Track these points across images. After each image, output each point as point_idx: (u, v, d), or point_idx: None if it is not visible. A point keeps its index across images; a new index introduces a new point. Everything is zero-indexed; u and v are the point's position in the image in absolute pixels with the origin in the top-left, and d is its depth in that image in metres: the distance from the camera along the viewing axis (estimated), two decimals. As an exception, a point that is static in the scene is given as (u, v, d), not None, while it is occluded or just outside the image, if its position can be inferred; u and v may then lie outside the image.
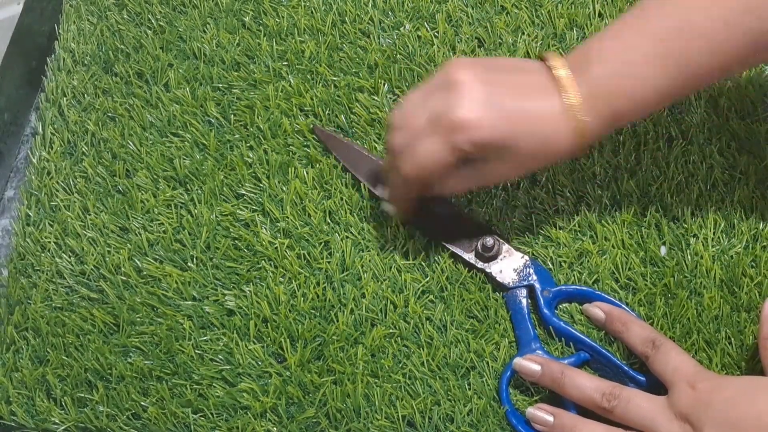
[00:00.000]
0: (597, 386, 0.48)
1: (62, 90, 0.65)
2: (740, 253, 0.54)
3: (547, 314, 0.52)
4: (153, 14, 0.68)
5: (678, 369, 0.47)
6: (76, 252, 0.59)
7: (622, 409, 0.47)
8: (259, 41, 0.65)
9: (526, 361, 0.51)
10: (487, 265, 0.55)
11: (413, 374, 0.53)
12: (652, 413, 0.46)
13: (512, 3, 0.64)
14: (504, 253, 0.55)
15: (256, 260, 0.57)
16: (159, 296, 0.56)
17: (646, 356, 0.49)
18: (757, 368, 0.50)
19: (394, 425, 0.51)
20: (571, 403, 0.49)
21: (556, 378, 0.49)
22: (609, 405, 0.47)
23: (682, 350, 0.48)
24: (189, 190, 0.60)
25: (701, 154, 0.57)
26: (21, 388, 0.55)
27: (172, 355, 0.55)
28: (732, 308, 0.52)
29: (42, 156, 0.63)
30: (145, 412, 0.53)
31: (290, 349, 0.54)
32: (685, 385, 0.46)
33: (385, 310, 0.55)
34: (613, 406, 0.47)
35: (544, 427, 0.49)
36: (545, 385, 0.50)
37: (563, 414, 0.49)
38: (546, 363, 0.50)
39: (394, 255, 0.56)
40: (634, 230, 0.55)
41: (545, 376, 0.50)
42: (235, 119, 0.62)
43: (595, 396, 0.48)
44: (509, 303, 0.54)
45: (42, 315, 0.57)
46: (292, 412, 0.53)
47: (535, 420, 0.49)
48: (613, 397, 0.47)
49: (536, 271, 0.54)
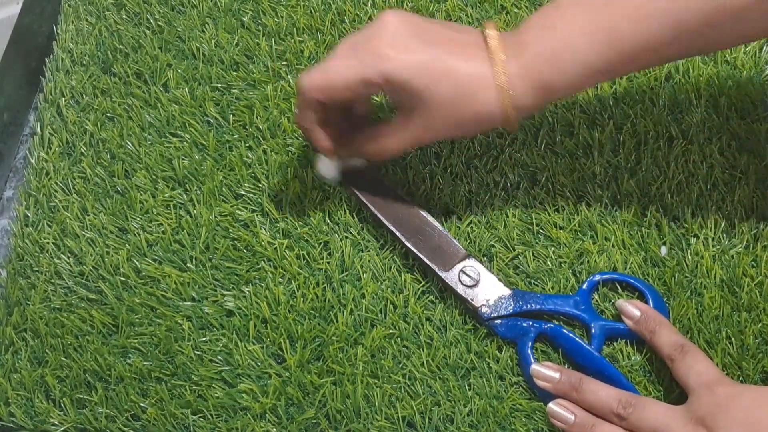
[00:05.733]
0: (614, 394, 0.48)
1: (61, 90, 0.65)
2: (741, 252, 0.54)
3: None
4: (152, 14, 0.68)
5: (700, 375, 0.47)
6: (74, 253, 0.58)
7: (637, 417, 0.46)
8: (258, 41, 0.65)
9: (544, 368, 0.50)
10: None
11: (413, 375, 0.53)
12: (667, 419, 0.46)
13: (512, 2, 0.64)
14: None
15: (256, 261, 0.57)
16: (158, 297, 0.56)
17: (671, 360, 0.49)
18: (758, 368, 0.50)
19: (394, 426, 0.51)
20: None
21: (574, 384, 0.49)
22: (625, 412, 0.47)
23: (707, 358, 0.48)
24: (188, 191, 0.60)
25: (701, 154, 0.57)
26: (20, 389, 0.55)
27: (172, 356, 0.54)
28: (732, 308, 0.52)
29: (40, 156, 0.63)
30: (145, 413, 0.53)
31: (290, 349, 0.54)
32: (704, 389, 0.46)
33: (385, 310, 0.55)
34: (629, 413, 0.47)
35: (564, 424, 0.49)
36: (562, 391, 0.49)
37: (583, 412, 0.49)
38: (564, 370, 0.50)
39: (394, 255, 0.56)
40: (634, 230, 0.55)
41: (563, 383, 0.49)
42: (234, 119, 0.62)
43: (612, 403, 0.47)
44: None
45: (41, 316, 0.56)
46: (292, 412, 0.52)
47: (555, 416, 0.49)
48: (629, 404, 0.47)
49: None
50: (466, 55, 0.47)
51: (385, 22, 0.48)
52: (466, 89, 0.47)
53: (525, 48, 0.47)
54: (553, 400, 0.49)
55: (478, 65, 0.47)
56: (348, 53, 0.48)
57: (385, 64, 0.46)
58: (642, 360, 0.52)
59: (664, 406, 0.47)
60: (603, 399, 0.48)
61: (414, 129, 0.50)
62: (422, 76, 0.46)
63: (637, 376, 0.51)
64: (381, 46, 0.47)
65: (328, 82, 0.48)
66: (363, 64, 0.47)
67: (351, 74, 0.47)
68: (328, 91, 0.49)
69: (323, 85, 0.48)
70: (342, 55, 0.48)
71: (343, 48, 0.48)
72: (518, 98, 0.47)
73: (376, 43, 0.47)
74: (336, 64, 0.48)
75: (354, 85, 0.48)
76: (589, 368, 0.50)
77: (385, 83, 0.47)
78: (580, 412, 0.49)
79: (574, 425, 0.48)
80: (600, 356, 0.51)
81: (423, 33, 0.47)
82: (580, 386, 0.49)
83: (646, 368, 0.51)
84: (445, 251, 0.54)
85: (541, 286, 0.54)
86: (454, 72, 0.47)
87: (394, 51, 0.47)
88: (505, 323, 0.52)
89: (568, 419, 0.48)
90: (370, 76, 0.47)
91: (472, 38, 0.48)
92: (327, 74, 0.48)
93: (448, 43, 0.47)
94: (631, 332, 0.51)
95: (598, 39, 0.45)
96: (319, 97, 0.49)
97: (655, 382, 0.51)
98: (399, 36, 0.47)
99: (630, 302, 0.52)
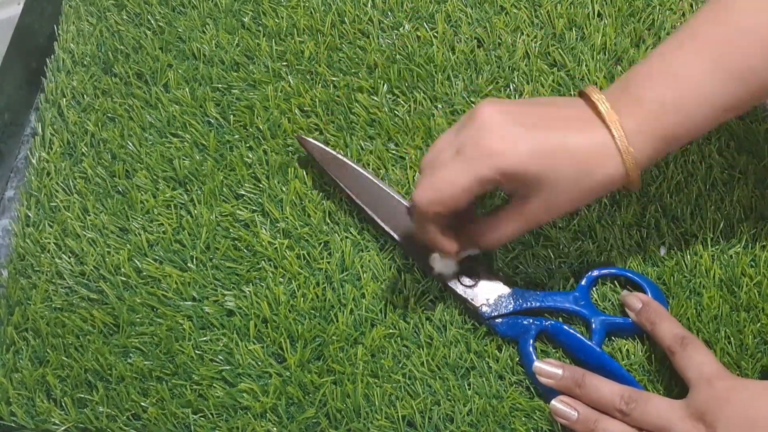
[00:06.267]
0: (617, 390, 0.48)
1: (62, 90, 0.65)
2: (739, 252, 0.54)
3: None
4: (152, 15, 0.68)
5: (701, 367, 0.47)
6: (75, 253, 0.59)
7: (639, 412, 0.47)
8: (259, 42, 0.65)
9: (547, 364, 0.50)
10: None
11: (413, 374, 0.53)
12: (667, 413, 0.46)
13: (511, 3, 0.64)
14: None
15: (256, 260, 0.57)
16: (159, 297, 0.56)
17: (672, 352, 0.49)
18: (757, 367, 0.50)
19: (394, 425, 0.51)
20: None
21: (577, 380, 0.49)
22: (627, 408, 0.47)
23: (708, 351, 0.48)
24: (189, 191, 0.60)
25: (700, 154, 0.57)
26: (21, 389, 0.55)
27: (172, 356, 0.55)
28: (731, 308, 0.52)
29: (41, 157, 0.63)
30: (145, 412, 0.53)
31: (290, 349, 0.54)
32: (704, 383, 0.46)
33: (385, 310, 0.55)
34: (632, 408, 0.47)
35: (567, 421, 0.49)
36: (565, 388, 0.50)
37: (586, 408, 0.49)
38: (567, 366, 0.50)
39: (394, 255, 0.56)
40: (633, 230, 0.56)
41: (566, 379, 0.49)
42: (235, 120, 0.62)
43: (614, 399, 0.48)
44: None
45: (42, 316, 0.57)
46: (292, 412, 0.53)
47: (558, 413, 0.49)
48: (632, 400, 0.47)
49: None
50: (576, 127, 0.45)
51: (483, 116, 0.45)
52: (586, 163, 0.45)
53: (641, 102, 0.45)
54: (555, 397, 0.50)
55: (593, 134, 0.45)
56: (455, 157, 0.45)
57: (499, 159, 0.44)
58: (641, 358, 0.52)
59: (666, 400, 0.47)
60: (606, 395, 0.48)
61: (534, 212, 0.47)
62: (539, 161, 0.44)
63: (637, 375, 0.51)
64: (488, 143, 0.44)
65: (445, 193, 0.45)
66: (474, 165, 0.44)
67: (465, 180, 0.45)
68: (446, 202, 0.46)
69: (441, 199, 0.46)
70: (450, 162, 0.45)
71: (448, 153, 0.46)
72: (640, 156, 0.45)
73: (481, 141, 0.44)
74: (447, 173, 0.45)
75: (470, 188, 0.45)
76: (591, 364, 0.51)
77: (503, 177, 0.44)
78: (583, 408, 0.49)
79: (577, 422, 0.48)
80: (601, 351, 0.51)
81: (525, 118, 0.45)
82: (582, 382, 0.49)
83: (646, 367, 0.52)
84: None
85: (540, 286, 0.55)
86: (571, 148, 0.44)
87: (503, 144, 0.44)
88: (506, 322, 0.52)
89: (571, 416, 0.49)
90: (485, 174, 0.44)
91: (575, 108, 0.46)
92: (442, 187, 0.45)
93: (554, 120, 0.45)
94: (632, 326, 0.51)
95: (727, 80, 0.44)
96: (438, 211, 0.46)
97: (654, 381, 0.51)
98: (503, 127, 0.44)
99: (632, 294, 0.52)
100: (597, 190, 0.46)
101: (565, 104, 0.47)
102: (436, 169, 0.46)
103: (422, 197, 0.46)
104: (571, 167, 0.45)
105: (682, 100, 0.44)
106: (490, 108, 0.45)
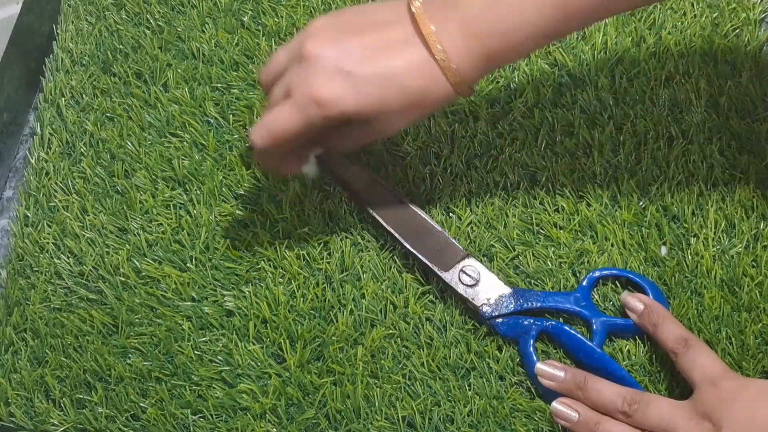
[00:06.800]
0: (619, 392, 0.48)
1: (61, 90, 0.65)
2: (741, 252, 0.54)
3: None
4: (151, 14, 0.68)
5: (704, 368, 0.47)
6: (74, 253, 0.58)
7: (642, 413, 0.46)
8: (258, 41, 0.65)
9: (549, 366, 0.50)
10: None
11: (413, 375, 0.53)
12: (672, 414, 0.46)
13: None
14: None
15: (256, 261, 0.57)
16: (158, 297, 0.56)
17: (675, 353, 0.49)
18: (758, 368, 0.50)
19: (394, 426, 0.51)
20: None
21: (579, 383, 0.49)
22: (630, 409, 0.47)
23: (712, 351, 0.48)
24: (188, 191, 0.60)
25: (701, 154, 0.57)
26: (20, 390, 0.55)
27: (171, 356, 0.54)
28: (732, 308, 0.52)
29: (40, 156, 0.63)
30: (144, 413, 0.53)
31: (290, 349, 0.54)
32: (708, 384, 0.46)
33: (385, 310, 0.54)
34: (634, 410, 0.47)
35: (568, 422, 0.49)
36: (566, 390, 0.49)
37: (587, 410, 0.49)
38: (569, 369, 0.50)
39: (394, 255, 0.56)
40: (634, 230, 0.55)
41: (568, 382, 0.49)
42: (234, 119, 0.62)
43: (617, 401, 0.47)
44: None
45: (41, 316, 0.56)
46: (292, 413, 0.52)
47: (559, 415, 0.49)
48: (634, 401, 0.47)
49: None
50: (403, 51, 0.46)
51: (311, 53, 0.46)
52: (416, 86, 0.46)
53: (464, 20, 0.45)
54: (556, 399, 0.49)
55: (417, 56, 0.45)
56: (286, 99, 0.47)
57: (326, 108, 0.45)
58: (642, 359, 0.52)
59: (669, 401, 0.47)
60: (607, 397, 0.48)
61: (371, 132, 0.50)
62: (367, 105, 0.46)
63: (638, 376, 0.51)
64: (316, 91, 0.45)
65: (278, 134, 0.47)
66: (304, 112, 0.46)
67: (296, 126, 0.47)
68: (279, 143, 0.48)
69: (274, 139, 0.48)
70: (281, 103, 0.47)
71: (280, 90, 0.48)
72: (463, 74, 0.46)
73: (310, 87, 0.45)
74: (279, 116, 0.47)
75: (300, 132, 0.47)
76: (592, 365, 0.50)
77: (333, 121, 0.46)
78: (584, 409, 0.49)
79: (578, 423, 0.48)
80: (602, 352, 0.51)
81: (352, 54, 0.46)
82: (584, 384, 0.49)
83: (647, 368, 0.51)
84: (444, 251, 0.54)
85: (541, 286, 0.54)
86: (401, 76, 0.45)
87: (331, 91, 0.45)
88: (507, 322, 0.52)
89: (572, 417, 0.48)
90: (314, 122, 0.46)
91: (404, 30, 0.46)
92: (273, 129, 0.47)
93: (382, 47, 0.46)
94: (633, 327, 0.51)
95: (542, 4, 0.44)
96: (273, 148, 0.49)
97: (656, 382, 0.51)
98: (330, 71, 0.45)
99: (634, 295, 0.52)
100: (430, 109, 0.48)
101: (391, 23, 0.47)
102: (270, 107, 0.48)
103: (257, 137, 0.48)
104: (400, 100, 0.46)
105: (498, 19, 0.45)
106: (317, 42, 0.46)
